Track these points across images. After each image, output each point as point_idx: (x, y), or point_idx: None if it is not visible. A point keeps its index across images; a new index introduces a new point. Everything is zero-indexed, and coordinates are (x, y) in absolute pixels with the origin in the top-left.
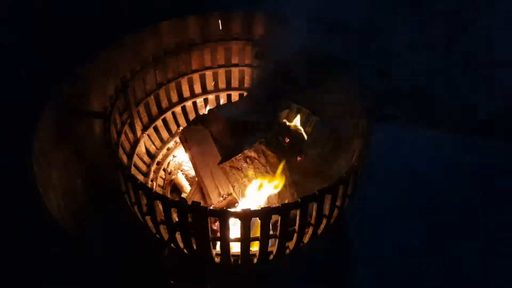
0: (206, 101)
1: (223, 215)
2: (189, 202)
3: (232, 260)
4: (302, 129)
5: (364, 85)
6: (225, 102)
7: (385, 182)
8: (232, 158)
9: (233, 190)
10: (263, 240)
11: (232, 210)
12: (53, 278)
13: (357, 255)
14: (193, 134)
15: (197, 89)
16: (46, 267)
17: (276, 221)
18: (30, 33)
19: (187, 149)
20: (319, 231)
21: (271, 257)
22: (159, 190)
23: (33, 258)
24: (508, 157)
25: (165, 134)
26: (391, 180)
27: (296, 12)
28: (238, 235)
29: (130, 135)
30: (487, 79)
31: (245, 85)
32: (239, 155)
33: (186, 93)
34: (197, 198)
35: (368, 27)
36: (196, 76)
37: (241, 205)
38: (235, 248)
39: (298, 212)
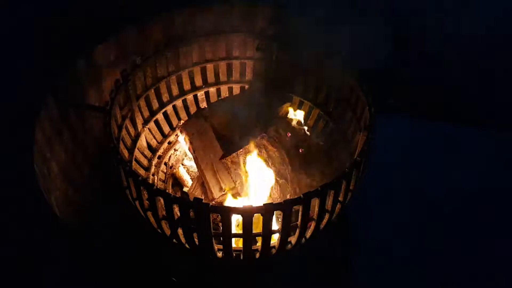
0: (207, 94)
1: (225, 211)
2: (191, 197)
3: (234, 255)
4: (303, 122)
5: (367, 77)
6: (226, 95)
7: (388, 176)
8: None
9: (235, 184)
10: (265, 235)
11: (234, 206)
12: (53, 277)
13: (359, 250)
14: (194, 127)
15: (198, 82)
16: (46, 264)
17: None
18: (29, 27)
19: (188, 143)
20: (322, 226)
21: (273, 252)
22: (160, 184)
23: (33, 253)
24: None
25: (166, 128)
26: (394, 174)
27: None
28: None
29: (131, 129)
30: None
31: (247, 78)
32: (241, 150)
33: (187, 86)
34: (198, 192)
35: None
36: (197, 69)
37: (243, 200)
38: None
39: (300, 208)
